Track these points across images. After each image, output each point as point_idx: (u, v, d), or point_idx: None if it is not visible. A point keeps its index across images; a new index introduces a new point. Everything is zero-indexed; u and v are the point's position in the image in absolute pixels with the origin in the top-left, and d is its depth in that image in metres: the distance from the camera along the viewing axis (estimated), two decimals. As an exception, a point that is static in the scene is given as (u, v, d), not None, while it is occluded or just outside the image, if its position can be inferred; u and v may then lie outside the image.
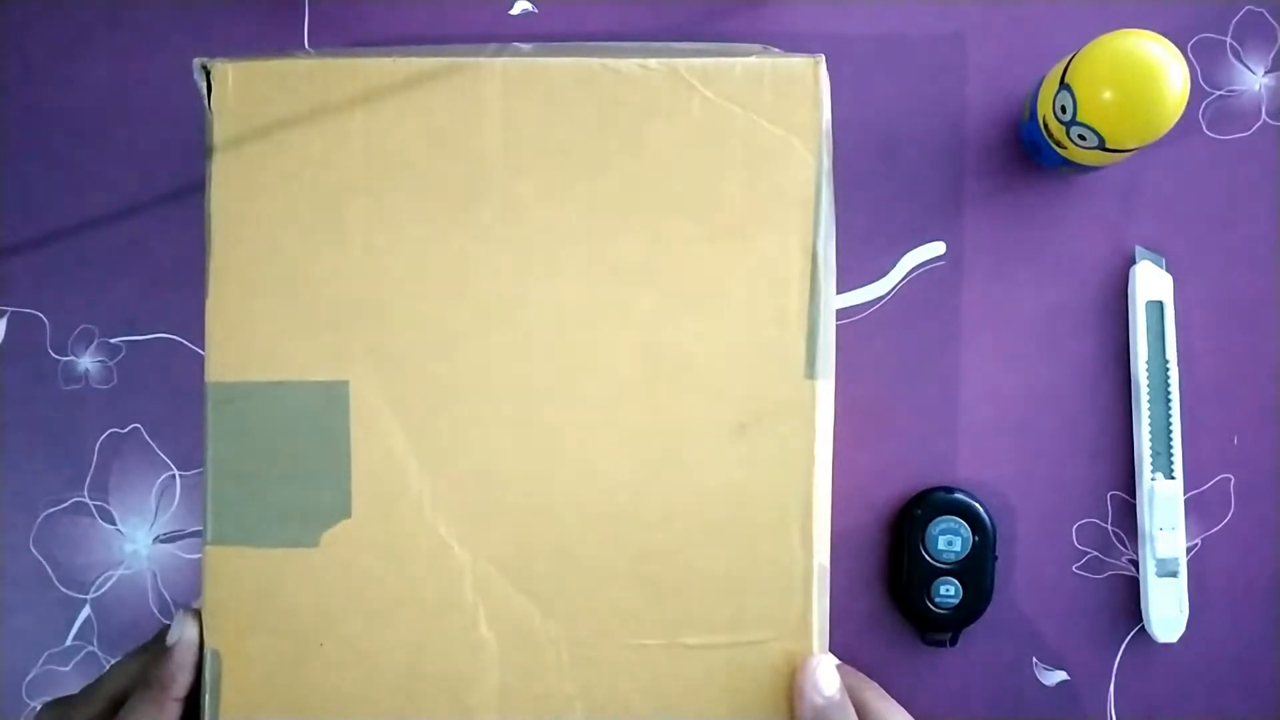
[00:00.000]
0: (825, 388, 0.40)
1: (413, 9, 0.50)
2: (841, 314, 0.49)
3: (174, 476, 0.50)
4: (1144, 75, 0.41)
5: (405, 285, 0.40)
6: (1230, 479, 0.49)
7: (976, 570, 0.47)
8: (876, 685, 0.42)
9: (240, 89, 0.40)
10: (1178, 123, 0.42)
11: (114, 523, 0.50)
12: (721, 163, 0.40)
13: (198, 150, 0.41)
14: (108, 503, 0.50)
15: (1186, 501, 0.49)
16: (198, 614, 0.40)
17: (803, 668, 0.38)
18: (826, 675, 0.38)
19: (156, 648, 0.41)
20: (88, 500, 0.50)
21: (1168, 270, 0.49)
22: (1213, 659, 0.49)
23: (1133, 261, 0.49)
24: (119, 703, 0.40)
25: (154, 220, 0.50)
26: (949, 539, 0.47)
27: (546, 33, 0.50)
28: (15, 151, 0.50)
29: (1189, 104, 0.42)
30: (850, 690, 0.41)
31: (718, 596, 0.39)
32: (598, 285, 0.40)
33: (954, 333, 0.49)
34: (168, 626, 0.41)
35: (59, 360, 0.50)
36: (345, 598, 0.40)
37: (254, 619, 0.40)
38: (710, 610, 0.39)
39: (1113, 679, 0.49)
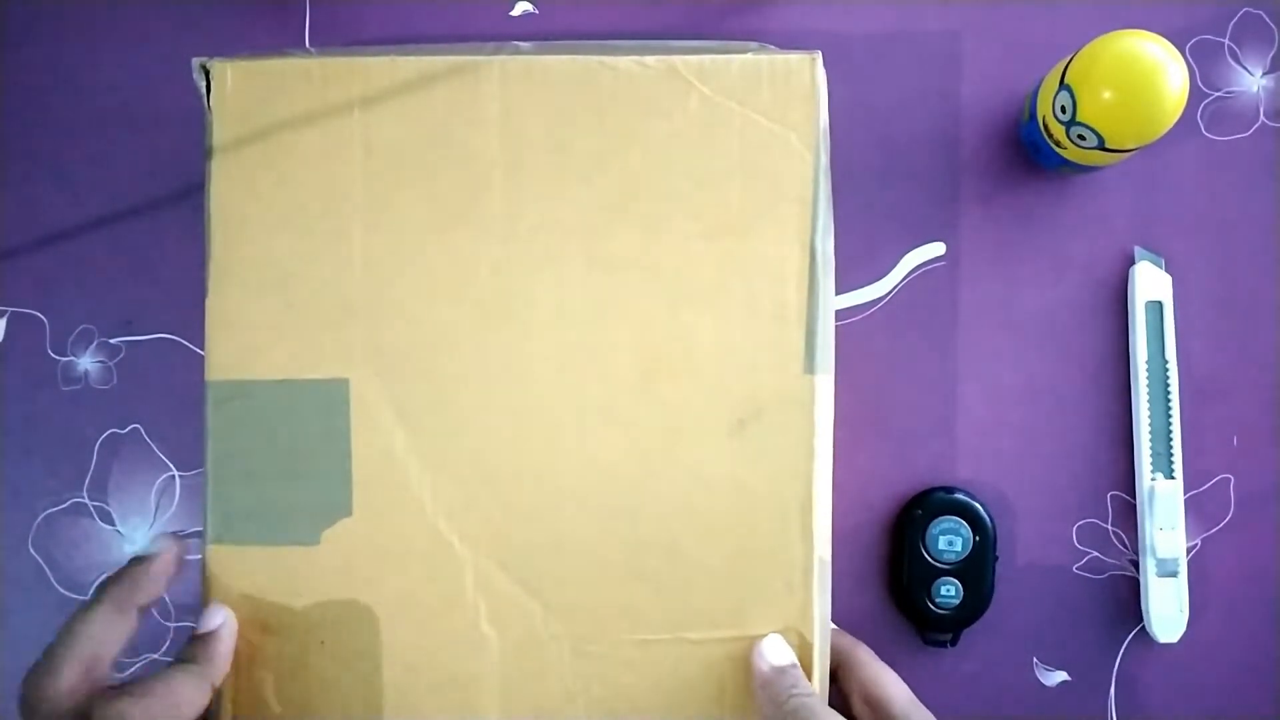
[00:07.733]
0: (824, 383, 0.40)
1: (413, 9, 0.50)
2: (842, 314, 0.49)
3: (174, 477, 0.50)
4: (1143, 76, 0.41)
5: (405, 283, 0.40)
6: (1230, 479, 0.49)
7: (977, 570, 0.47)
8: (867, 647, 0.42)
9: (239, 89, 0.40)
10: (1177, 123, 0.42)
11: (113, 523, 0.50)
12: (719, 159, 0.40)
13: (198, 151, 0.41)
14: (107, 503, 0.50)
15: (1186, 502, 0.49)
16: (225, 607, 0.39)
17: (754, 645, 0.39)
18: (773, 647, 0.39)
19: (134, 569, 0.38)
20: (87, 501, 0.50)
21: (1167, 270, 0.49)
22: (1213, 659, 0.49)
23: (1132, 261, 0.49)
24: (95, 661, 0.35)
25: (154, 221, 0.50)
26: (949, 539, 0.47)
27: (547, 34, 0.50)
28: (15, 152, 0.50)
29: (1188, 105, 0.42)
30: (842, 650, 0.42)
31: (719, 591, 0.40)
32: (597, 282, 0.40)
33: (954, 333, 0.49)
34: (137, 556, 0.38)
35: (58, 361, 0.50)
36: (346, 596, 0.40)
37: (255, 618, 0.40)
38: (711, 605, 0.40)
39: (1113, 679, 0.49)
